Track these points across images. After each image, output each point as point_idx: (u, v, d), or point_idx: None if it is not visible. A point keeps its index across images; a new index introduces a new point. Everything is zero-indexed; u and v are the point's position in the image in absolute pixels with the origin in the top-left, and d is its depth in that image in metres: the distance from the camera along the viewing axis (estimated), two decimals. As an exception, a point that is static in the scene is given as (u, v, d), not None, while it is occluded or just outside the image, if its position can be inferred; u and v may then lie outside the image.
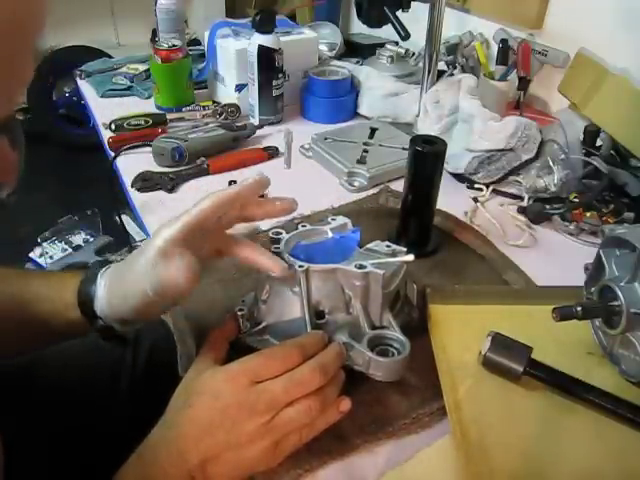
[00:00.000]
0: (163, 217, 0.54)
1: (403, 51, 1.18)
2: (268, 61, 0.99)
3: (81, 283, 0.51)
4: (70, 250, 1.79)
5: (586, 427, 0.49)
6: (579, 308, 0.51)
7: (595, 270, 0.56)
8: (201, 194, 0.47)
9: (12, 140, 0.30)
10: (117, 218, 1.13)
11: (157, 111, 1.07)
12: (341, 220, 0.58)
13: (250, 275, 0.57)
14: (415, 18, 0.94)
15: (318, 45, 1.15)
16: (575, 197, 0.77)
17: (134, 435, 0.44)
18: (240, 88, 1.06)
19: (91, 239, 1.84)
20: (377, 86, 1.08)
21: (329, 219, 0.59)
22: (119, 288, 0.49)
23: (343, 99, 1.08)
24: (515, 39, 1.05)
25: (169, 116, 1.03)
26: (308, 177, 0.90)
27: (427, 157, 0.66)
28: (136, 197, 0.85)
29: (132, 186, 0.86)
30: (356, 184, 0.87)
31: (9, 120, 0.29)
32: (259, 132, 1.02)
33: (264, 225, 0.75)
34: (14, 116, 0.29)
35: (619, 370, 0.53)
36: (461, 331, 0.57)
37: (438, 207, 0.71)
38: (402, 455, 0.48)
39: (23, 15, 0.26)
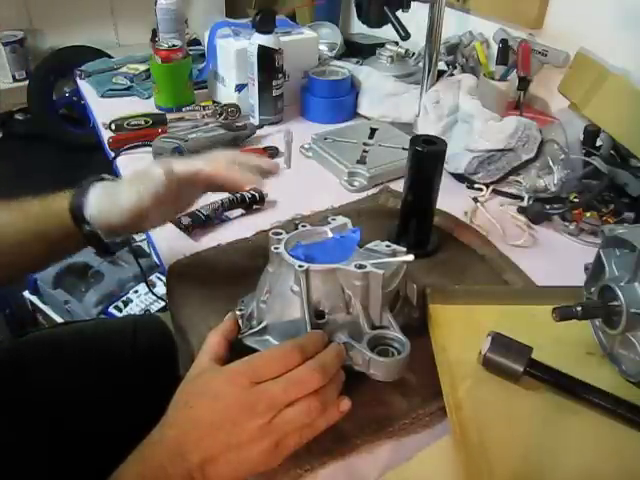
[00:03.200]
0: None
1: (403, 51, 1.18)
2: (268, 61, 0.99)
3: (74, 194, 0.57)
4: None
5: (586, 427, 0.49)
6: (579, 308, 0.51)
7: (595, 270, 0.56)
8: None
9: None
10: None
11: (157, 111, 1.07)
12: (341, 220, 0.58)
13: (250, 275, 0.57)
14: (415, 18, 0.94)
15: (318, 45, 1.15)
16: (575, 197, 0.77)
17: (134, 435, 0.44)
18: (240, 88, 1.06)
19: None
20: (377, 86, 1.08)
21: (329, 219, 0.59)
22: (108, 198, 0.56)
23: (343, 99, 1.08)
24: (515, 39, 1.04)
25: (169, 116, 1.03)
26: (308, 177, 0.90)
27: (427, 157, 0.66)
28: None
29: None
30: (356, 184, 0.87)
31: None
32: (259, 132, 1.02)
33: (264, 225, 0.76)
34: None
35: (619, 370, 0.53)
36: (461, 331, 0.57)
37: (438, 207, 0.71)
38: (402, 455, 0.48)
39: None
